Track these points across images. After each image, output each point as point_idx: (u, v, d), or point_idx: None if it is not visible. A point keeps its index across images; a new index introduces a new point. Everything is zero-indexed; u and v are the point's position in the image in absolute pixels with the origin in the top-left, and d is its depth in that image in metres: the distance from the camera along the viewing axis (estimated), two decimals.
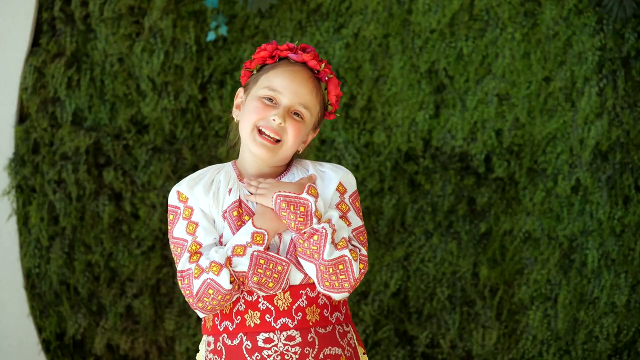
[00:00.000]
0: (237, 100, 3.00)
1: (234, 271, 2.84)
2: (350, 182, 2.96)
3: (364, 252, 2.88)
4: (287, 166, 3.00)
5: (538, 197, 4.93)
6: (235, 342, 2.88)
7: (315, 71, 2.96)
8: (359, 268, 2.85)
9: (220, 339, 2.91)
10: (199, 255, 2.87)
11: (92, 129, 5.10)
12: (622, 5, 4.75)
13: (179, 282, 2.89)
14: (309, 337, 2.87)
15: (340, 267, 2.83)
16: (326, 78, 2.97)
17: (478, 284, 5.01)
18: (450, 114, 4.97)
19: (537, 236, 4.94)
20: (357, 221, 2.92)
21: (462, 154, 5.00)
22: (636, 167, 4.87)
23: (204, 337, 2.96)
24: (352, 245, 2.87)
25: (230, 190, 2.93)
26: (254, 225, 2.86)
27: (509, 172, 4.97)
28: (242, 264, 2.84)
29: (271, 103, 2.91)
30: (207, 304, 2.85)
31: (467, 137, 4.97)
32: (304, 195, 2.85)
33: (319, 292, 2.89)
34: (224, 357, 2.89)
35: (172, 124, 5.08)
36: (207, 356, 2.94)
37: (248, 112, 2.92)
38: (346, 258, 2.83)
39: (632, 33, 4.81)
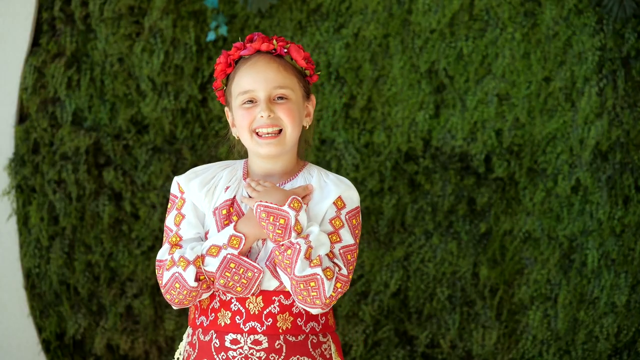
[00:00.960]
0: (229, 120, 3.01)
1: (205, 270, 2.85)
2: (351, 197, 2.92)
3: (345, 272, 2.83)
4: (298, 169, 2.98)
5: (538, 197, 4.93)
6: (207, 338, 2.89)
7: (272, 51, 2.94)
8: (336, 287, 2.82)
9: (196, 333, 2.92)
10: (177, 247, 2.89)
11: (92, 129, 5.10)
12: (622, 5, 4.76)
13: (156, 271, 2.90)
14: (276, 344, 2.86)
15: (312, 284, 2.80)
16: (284, 50, 2.94)
17: (478, 284, 5.01)
18: (450, 114, 4.97)
19: (537, 236, 4.94)
20: (348, 239, 2.88)
21: (462, 154, 5.00)
22: (636, 167, 4.87)
23: (188, 328, 2.98)
24: (333, 262, 2.83)
25: (227, 188, 2.94)
26: (235, 229, 2.85)
27: (509, 172, 4.97)
28: (212, 265, 2.84)
29: (252, 104, 2.90)
30: (175, 297, 2.87)
31: (467, 137, 4.97)
32: (285, 207, 2.82)
33: (294, 301, 2.88)
34: (196, 351, 2.91)
35: (172, 124, 5.08)
36: (185, 347, 2.97)
37: (239, 124, 2.93)
38: (318, 277, 2.79)
39: (632, 33, 4.81)
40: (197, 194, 2.92)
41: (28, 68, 5.06)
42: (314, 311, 2.85)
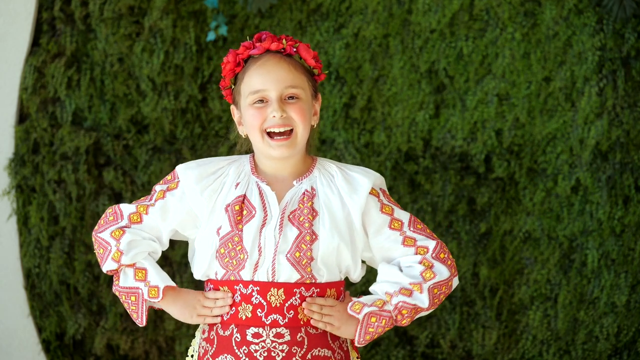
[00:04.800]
0: (235, 118, 2.99)
1: (116, 280, 2.97)
2: (382, 183, 2.95)
3: (431, 241, 2.91)
4: (309, 165, 2.97)
5: (538, 197, 4.93)
6: (227, 333, 2.88)
7: (282, 50, 2.93)
8: (442, 257, 2.91)
9: (215, 328, 2.91)
10: (127, 230, 2.92)
11: (92, 129, 5.10)
12: (622, 5, 4.76)
13: (107, 216, 2.95)
14: (298, 337, 2.86)
15: (444, 289, 2.93)
16: (294, 50, 2.93)
17: (478, 284, 5.01)
18: (450, 114, 4.97)
19: (537, 236, 4.94)
20: (404, 215, 2.92)
21: (462, 154, 5.00)
22: (636, 167, 4.87)
23: (200, 325, 2.97)
24: (417, 246, 2.90)
25: (237, 184, 2.93)
26: (163, 292, 2.91)
27: (509, 172, 4.97)
28: (123, 283, 2.95)
29: (263, 104, 2.89)
30: (98, 255, 2.96)
31: (467, 137, 4.97)
32: (368, 311, 2.90)
33: (313, 292, 2.88)
34: (215, 346, 2.90)
35: (172, 124, 5.08)
36: (200, 344, 2.95)
37: (250, 124, 2.90)
38: (440, 283, 2.92)
39: (632, 33, 4.81)
40: (193, 187, 2.90)
41: (28, 68, 5.06)
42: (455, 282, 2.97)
